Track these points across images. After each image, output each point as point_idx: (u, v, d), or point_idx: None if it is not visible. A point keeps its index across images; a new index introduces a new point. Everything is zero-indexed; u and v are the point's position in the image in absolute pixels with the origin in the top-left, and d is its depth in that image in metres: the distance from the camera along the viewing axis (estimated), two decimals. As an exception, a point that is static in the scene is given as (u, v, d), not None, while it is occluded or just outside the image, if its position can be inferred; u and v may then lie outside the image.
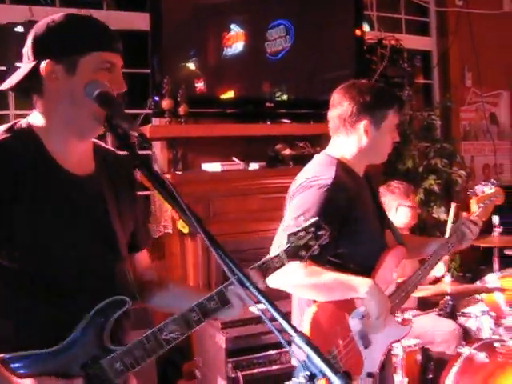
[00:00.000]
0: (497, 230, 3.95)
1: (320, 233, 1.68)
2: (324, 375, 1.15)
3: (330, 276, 2.11)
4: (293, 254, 1.65)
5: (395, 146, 2.42)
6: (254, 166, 4.14)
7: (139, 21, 4.24)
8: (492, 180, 2.60)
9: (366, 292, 2.09)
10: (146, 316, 3.25)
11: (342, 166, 2.27)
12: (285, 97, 4.57)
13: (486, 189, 2.56)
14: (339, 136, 2.33)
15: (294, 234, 1.66)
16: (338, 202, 2.13)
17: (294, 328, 1.24)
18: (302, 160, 2.98)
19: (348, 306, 2.17)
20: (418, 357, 3.54)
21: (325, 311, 2.17)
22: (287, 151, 4.22)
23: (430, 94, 6.07)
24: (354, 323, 2.17)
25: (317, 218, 1.72)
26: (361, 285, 2.11)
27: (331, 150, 2.35)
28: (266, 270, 1.61)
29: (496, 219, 3.87)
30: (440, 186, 4.96)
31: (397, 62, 5.30)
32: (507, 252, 4.14)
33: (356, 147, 2.29)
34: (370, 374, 2.21)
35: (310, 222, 1.69)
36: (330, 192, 2.13)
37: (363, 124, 2.26)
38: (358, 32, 4.87)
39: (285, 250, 1.64)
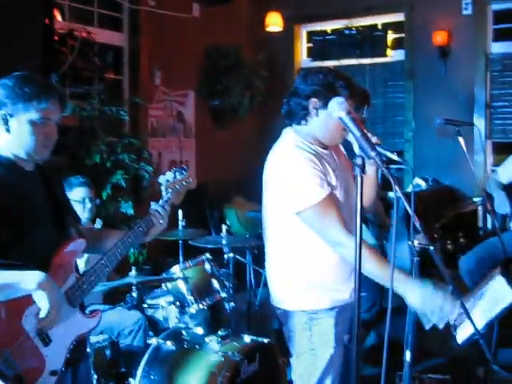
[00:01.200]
0: (181, 224, 4.17)
1: None
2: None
3: None
4: None
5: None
6: None
7: None
8: (183, 166, 2.69)
9: (35, 284, 1.99)
10: None
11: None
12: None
13: (169, 174, 2.63)
14: None
15: None
16: None
17: None
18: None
19: (22, 304, 2.07)
20: (108, 352, 3.53)
21: None
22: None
23: (119, 90, 6.12)
24: (28, 321, 2.08)
25: None
26: (29, 278, 2.00)
27: None
28: None
29: (180, 213, 4.07)
30: (127, 181, 5.01)
31: (87, 55, 5.23)
32: (191, 243, 4.37)
33: (3, 140, 2.20)
34: (53, 372, 2.14)
35: None
36: None
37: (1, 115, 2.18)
38: (48, 21, 4.66)
39: None
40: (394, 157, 1.99)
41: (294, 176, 2.50)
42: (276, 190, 2.59)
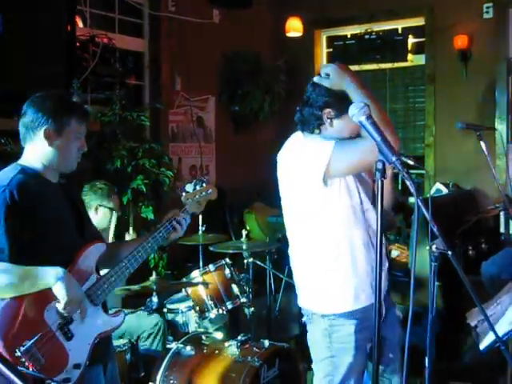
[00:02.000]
0: (201, 229, 4.19)
1: None
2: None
3: (18, 269, 2.12)
4: None
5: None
6: None
7: None
8: (202, 178, 2.74)
9: (55, 278, 2.13)
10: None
11: (27, 172, 2.30)
12: (-12, 89, 4.24)
13: (189, 186, 2.68)
14: (27, 144, 2.37)
15: None
16: (17, 201, 2.17)
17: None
18: (3, 157, 2.80)
19: (45, 298, 2.17)
20: (127, 356, 3.56)
21: (19, 305, 2.14)
22: (-14, 148, 3.92)
23: (140, 96, 6.17)
24: (50, 315, 2.18)
25: None
26: (49, 273, 2.14)
27: (22, 158, 2.39)
28: None
29: (200, 218, 4.10)
30: (148, 186, 5.04)
31: (109, 61, 5.28)
32: (211, 249, 4.38)
33: (41, 154, 2.34)
34: (76, 365, 2.23)
35: None
36: (8, 192, 2.17)
37: (44, 130, 2.30)
38: (69, 27, 4.71)
39: None
40: (410, 161, 1.99)
41: (304, 151, 2.56)
42: (294, 175, 2.60)
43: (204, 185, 2.69)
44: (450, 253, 1.85)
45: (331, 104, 2.55)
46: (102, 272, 2.47)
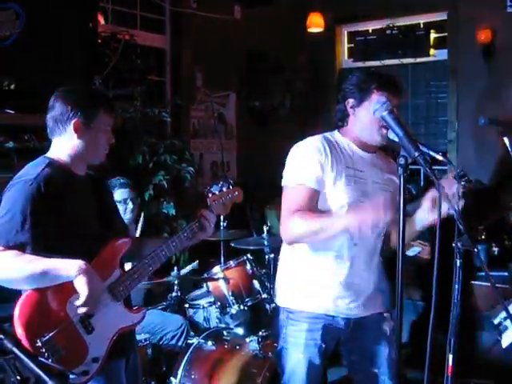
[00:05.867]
0: (222, 225, 4.20)
1: None
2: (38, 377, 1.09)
3: (40, 261, 2.14)
4: None
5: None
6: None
7: None
8: (229, 180, 2.75)
9: (76, 271, 2.12)
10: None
11: (54, 165, 2.31)
12: (12, 86, 4.29)
13: (216, 187, 2.69)
14: (55, 137, 2.39)
15: None
16: (44, 194, 2.18)
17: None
18: (26, 154, 2.83)
19: (68, 291, 2.17)
20: (149, 351, 3.58)
21: (41, 295, 2.17)
22: (10, 144, 3.96)
23: (162, 92, 6.19)
24: (72, 308, 2.18)
25: None
26: (71, 265, 2.14)
27: (49, 151, 2.41)
28: None
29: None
30: (169, 182, 5.05)
31: (130, 57, 5.31)
32: (233, 245, 4.39)
33: (70, 147, 2.36)
34: (95, 359, 2.25)
35: None
36: (35, 185, 2.18)
37: (73, 123, 2.32)
38: (91, 24, 4.75)
39: None
40: (439, 156, 1.97)
41: (295, 155, 2.66)
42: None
43: (230, 187, 2.70)
44: (476, 250, 1.84)
45: (352, 92, 2.59)
46: (126, 266, 2.49)
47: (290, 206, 2.56)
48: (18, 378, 1.10)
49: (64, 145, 2.36)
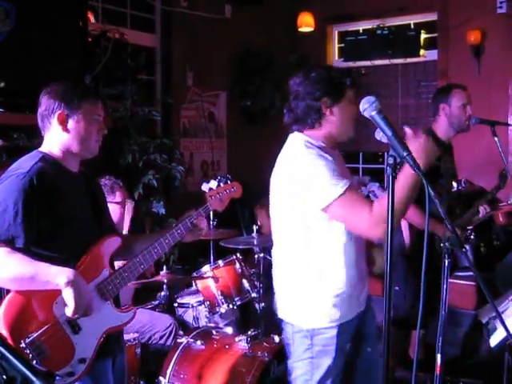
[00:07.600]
0: (212, 224, 4.19)
1: None
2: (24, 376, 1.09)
3: (30, 265, 2.12)
4: None
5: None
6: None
7: None
8: (228, 175, 2.73)
9: (65, 282, 2.09)
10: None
11: (47, 160, 2.31)
12: (2, 84, 4.27)
13: (213, 182, 2.67)
14: (46, 133, 2.39)
15: None
16: (36, 188, 2.18)
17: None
18: (16, 152, 2.81)
19: (54, 291, 2.14)
20: (138, 350, 3.57)
21: (26, 296, 2.14)
22: (-1, 142, 3.95)
23: (152, 91, 6.17)
24: (59, 308, 2.16)
25: None
26: (59, 274, 2.10)
27: (42, 146, 2.40)
28: None
29: (211, 213, 4.10)
30: (159, 181, 5.05)
31: (120, 56, 5.29)
32: (222, 244, 4.39)
33: (59, 142, 2.35)
34: (82, 360, 2.21)
35: None
36: (27, 178, 2.18)
37: (57, 116, 2.32)
38: (81, 23, 4.73)
39: None
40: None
41: (312, 173, 2.43)
42: (292, 193, 2.51)
43: (229, 182, 2.68)
44: (464, 249, 1.84)
45: (326, 92, 2.49)
46: (115, 263, 2.48)
47: (359, 209, 2.37)
48: (4, 377, 1.09)
49: (54, 139, 2.35)
